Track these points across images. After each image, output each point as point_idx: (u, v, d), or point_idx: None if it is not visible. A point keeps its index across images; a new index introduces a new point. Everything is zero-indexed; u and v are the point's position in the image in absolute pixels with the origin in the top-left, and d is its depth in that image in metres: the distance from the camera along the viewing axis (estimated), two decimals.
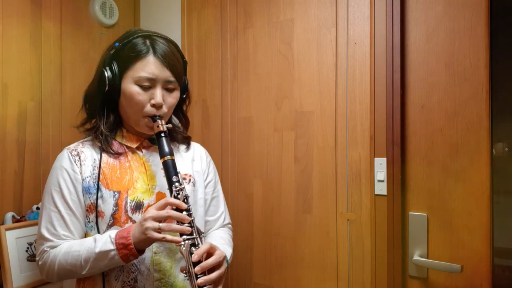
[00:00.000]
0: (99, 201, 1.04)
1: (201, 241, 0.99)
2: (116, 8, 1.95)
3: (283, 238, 1.60)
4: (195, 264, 0.94)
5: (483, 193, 1.24)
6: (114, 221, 1.04)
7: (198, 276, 0.94)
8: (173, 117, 1.20)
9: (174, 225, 0.95)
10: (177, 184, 1.00)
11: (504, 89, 1.34)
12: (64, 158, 1.07)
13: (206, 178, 1.24)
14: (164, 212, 0.94)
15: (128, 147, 1.12)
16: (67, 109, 1.78)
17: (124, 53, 1.05)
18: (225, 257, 1.01)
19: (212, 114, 1.80)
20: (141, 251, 0.98)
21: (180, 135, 1.21)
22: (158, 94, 1.04)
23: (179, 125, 1.23)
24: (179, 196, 0.99)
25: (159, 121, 1.04)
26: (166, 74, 1.05)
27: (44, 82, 1.70)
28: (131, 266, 1.04)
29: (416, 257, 1.32)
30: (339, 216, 1.47)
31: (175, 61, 1.07)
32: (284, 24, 1.61)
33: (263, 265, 1.65)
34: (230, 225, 1.31)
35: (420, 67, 1.35)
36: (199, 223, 1.15)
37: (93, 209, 1.04)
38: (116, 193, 1.05)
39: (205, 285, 0.94)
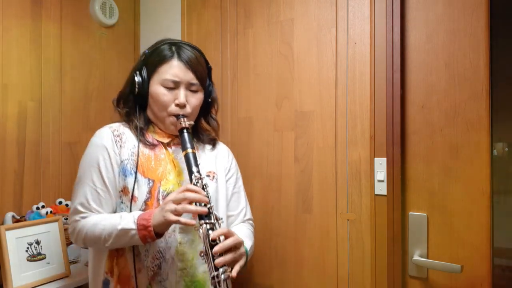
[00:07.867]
0: (134, 186, 1.09)
1: (219, 227, 1.02)
2: (116, 8, 1.95)
3: (283, 238, 1.60)
4: (213, 247, 0.97)
5: (483, 193, 1.24)
6: (146, 207, 1.09)
7: (215, 258, 0.97)
8: (203, 121, 1.30)
9: (189, 206, 0.98)
10: (196, 173, 1.05)
11: (504, 89, 1.34)
12: (106, 137, 1.13)
13: (227, 174, 1.30)
14: (181, 195, 0.99)
15: (160, 141, 1.19)
16: (67, 109, 1.78)
17: (151, 59, 1.16)
18: (242, 242, 1.04)
19: None
20: (158, 235, 1.02)
21: (206, 137, 1.30)
22: (182, 94, 1.14)
23: (210, 127, 1.32)
24: (198, 184, 1.04)
25: (182, 119, 1.13)
26: (189, 76, 1.15)
27: (44, 82, 1.70)
28: (157, 253, 1.09)
29: (416, 257, 1.32)
30: (339, 216, 1.47)
31: (198, 65, 1.17)
32: (284, 24, 1.61)
33: (263, 265, 1.65)
34: (251, 221, 1.35)
35: (420, 67, 1.35)
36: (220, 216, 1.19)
37: (127, 192, 1.09)
38: (150, 181, 1.11)
39: (222, 266, 0.96)
